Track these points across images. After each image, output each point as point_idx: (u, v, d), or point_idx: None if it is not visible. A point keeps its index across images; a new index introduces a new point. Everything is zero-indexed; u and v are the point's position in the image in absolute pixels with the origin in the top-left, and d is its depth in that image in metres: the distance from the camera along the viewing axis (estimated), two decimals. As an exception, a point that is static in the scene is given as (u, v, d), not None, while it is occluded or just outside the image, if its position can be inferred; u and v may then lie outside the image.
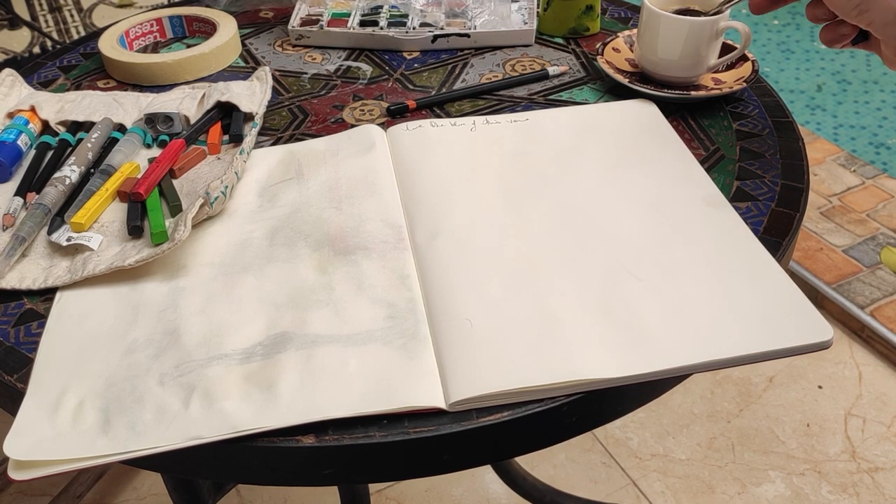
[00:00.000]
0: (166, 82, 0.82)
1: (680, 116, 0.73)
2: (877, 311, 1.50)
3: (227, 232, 0.61)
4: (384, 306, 0.53)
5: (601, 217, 0.60)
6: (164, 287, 0.56)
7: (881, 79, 2.28)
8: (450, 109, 0.77)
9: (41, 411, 0.48)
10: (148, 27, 0.90)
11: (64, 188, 0.65)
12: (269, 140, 0.73)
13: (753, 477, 1.28)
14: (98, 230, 0.62)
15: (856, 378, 1.43)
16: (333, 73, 0.84)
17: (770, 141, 0.70)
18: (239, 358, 0.50)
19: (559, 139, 0.70)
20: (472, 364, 0.48)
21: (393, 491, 1.29)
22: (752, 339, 0.49)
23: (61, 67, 0.87)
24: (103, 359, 0.51)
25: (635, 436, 1.34)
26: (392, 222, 0.61)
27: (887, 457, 1.29)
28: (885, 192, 1.79)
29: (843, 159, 1.89)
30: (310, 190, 0.65)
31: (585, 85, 0.79)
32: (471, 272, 0.56)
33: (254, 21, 0.95)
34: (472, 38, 0.86)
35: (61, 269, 0.58)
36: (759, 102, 0.75)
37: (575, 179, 0.65)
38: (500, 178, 0.65)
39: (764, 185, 0.65)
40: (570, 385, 0.47)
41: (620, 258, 0.56)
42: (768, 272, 0.55)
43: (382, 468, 0.48)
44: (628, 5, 0.96)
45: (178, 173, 0.68)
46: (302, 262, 0.58)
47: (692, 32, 0.71)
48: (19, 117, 0.73)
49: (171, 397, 0.48)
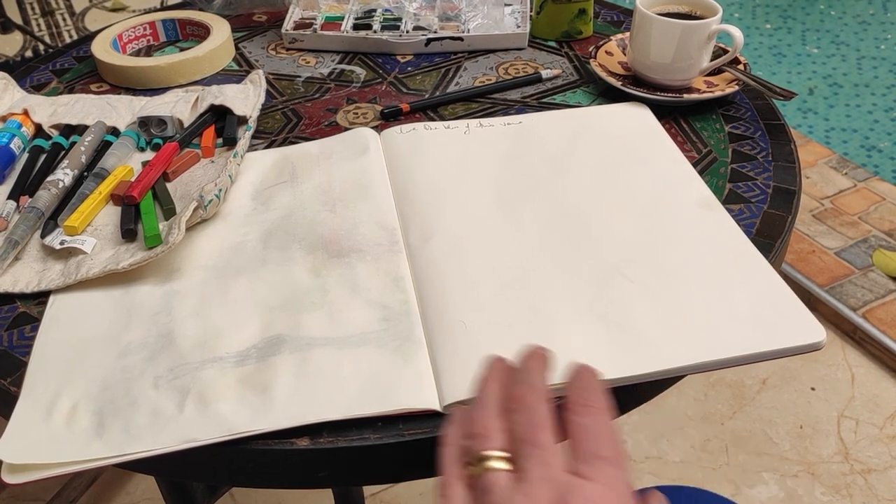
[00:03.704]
0: (160, 86, 0.82)
1: (672, 119, 0.74)
2: (869, 313, 1.50)
3: (221, 235, 0.61)
4: (378, 308, 0.53)
5: (594, 219, 0.61)
6: (158, 290, 0.56)
7: (872, 82, 2.29)
8: (443, 112, 0.77)
9: (35, 414, 0.48)
10: (141, 31, 0.90)
11: (57, 191, 0.64)
12: (262, 143, 0.73)
13: (747, 479, 1.28)
14: (91, 233, 0.62)
15: (848, 380, 1.43)
16: (327, 76, 0.84)
17: (762, 143, 0.70)
18: (233, 361, 0.50)
19: (552, 142, 0.70)
20: (466, 365, 0.48)
21: (388, 494, 1.29)
22: (745, 340, 0.50)
23: (54, 71, 0.87)
24: (97, 362, 0.51)
25: (629, 438, 1.35)
26: (386, 225, 0.61)
27: (880, 458, 1.30)
28: (877, 194, 1.80)
29: (835, 162, 1.90)
30: (304, 193, 0.65)
31: (578, 88, 0.80)
32: (464, 274, 0.56)
33: (247, 24, 0.95)
34: (465, 41, 0.87)
35: (55, 272, 0.58)
36: (751, 105, 0.76)
37: (568, 182, 0.65)
38: (494, 181, 0.65)
39: (756, 187, 0.65)
40: (563, 387, 0.47)
41: (613, 260, 0.57)
42: (761, 274, 0.55)
43: (377, 470, 0.48)
44: (621, 9, 0.96)
45: (172, 176, 0.68)
46: (296, 264, 0.58)
47: (685, 36, 0.71)
48: (12, 121, 0.73)
49: (166, 400, 0.48)
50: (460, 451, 0.39)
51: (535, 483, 0.35)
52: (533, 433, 0.38)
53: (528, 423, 0.38)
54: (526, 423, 0.38)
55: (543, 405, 0.39)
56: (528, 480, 0.35)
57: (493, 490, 0.36)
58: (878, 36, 2.55)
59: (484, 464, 0.37)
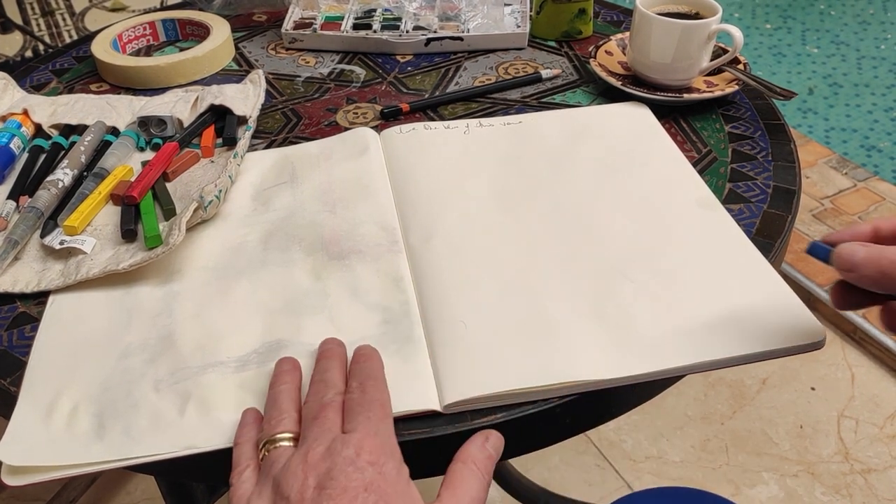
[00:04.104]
0: (159, 85, 0.82)
1: (672, 119, 0.74)
2: (869, 312, 1.50)
3: (222, 236, 0.61)
4: (379, 311, 0.53)
5: (594, 219, 0.61)
6: (159, 291, 0.56)
7: (872, 82, 2.29)
8: (443, 112, 0.77)
9: (35, 416, 0.48)
10: (141, 30, 0.90)
11: (57, 191, 0.64)
12: (262, 143, 0.73)
13: (747, 478, 1.28)
14: (91, 234, 0.62)
15: (848, 380, 1.43)
16: (327, 76, 0.84)
17: (762, 143, 0.70)
18: (234, 365, 0.50)
19: (552, 142, 0.70)
20: (467, 366, 0.48)
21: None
22: (745, 339, 0.50)
23: (54, 71, 0.87)
24: (97, 363, 0.51)
25: (629, 438, 1.35)
26: (386, 225, 0.61)
27: (880, 458, 1.30)
28: (877, 194, 1.80)
29: (835, 162, 1.90)
30: (304, 193, 0.65)
31: (578, 88, 0.80)
32: (465, 274, 0.56)
33: (247, 24, 0.95)
34: (465, 41, 0.87)
35: (54, 272, 0.58)
36: (750, 105, 0.76)
37: (568, 182, 0.65)
38: (494, 181, 0.65)
39: (756, 187, 0.65)
40: (563, 386, 0.47)
41: (613, 260, 0.56)
42: (761, 273, 0.55)
43: (377, 471, 0.48)
44: (621, 9, 0.96)
45: (172, 176, 0.68)
46: (296, 266, 0.57)
47: (685, 36, 0.71)
48: (12, 121, 0.73)
49: (167, 404, 0.48)
50: (254, 445, 0.43)
51: (310, 442, 0.41)
52: (321, 411, 0.43)
53: (317, 406, 0.43)
54: (316, 406, 0.43)
55: (332, 392, 0.44)
56: (305, 443, 0.41)
57: (278, 460, 0.41)
58: (878, 36, 2.55)
59: (274, 445, 0.42)
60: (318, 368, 0.47)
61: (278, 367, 0.48)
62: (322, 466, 0.39)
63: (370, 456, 0.39)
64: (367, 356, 0.47)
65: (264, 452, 0.42)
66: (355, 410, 0.43)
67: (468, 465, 0.42)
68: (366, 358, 0.47)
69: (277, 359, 0.49)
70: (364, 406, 0.43)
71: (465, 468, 0.42)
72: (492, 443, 0.44)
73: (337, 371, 0.46)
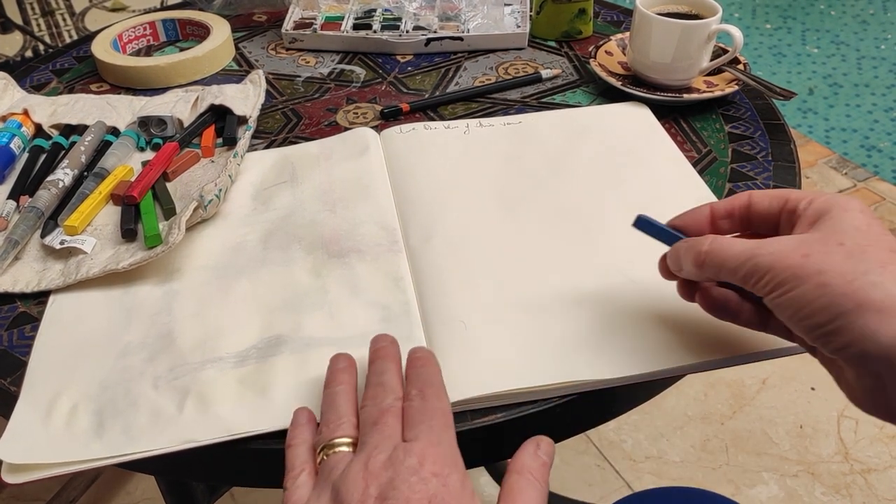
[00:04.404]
0: (160, 85, 0.82)
1: (672, 119, 0.74)
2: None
3: (221, 235, 0.61)
4: (378, 309, 0.53)
5: (594, 219, 0.61)
6: (158, 290, 0.56)
7: (872, 82, 2.29)
8: (443, 112, 0.77)
9: (35, 414, 0.48)
10: (141, 31, 0.90)
11: (57, 191, 0.64)
12: (262, 143, 0.73)
13: (747, 478, 1.28)
14: (91, 233, 0.62)
15: (848, 379, 1.43)
16: (327, 76, 0.84)
17: (762, 143, 0.70)
18: (233, 361, 0.50)
19: (552, 142, 0.70)
20: (466, 366, 0.48)
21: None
22: (745, 339, 0.50)
23: (54, 71, 0.87)
24: (97, 362, 0.51)
25: (629, 438, 1.35)
26: (386, 225, 0.61)
27: (880, 458, 1.30)
28: (877, 194, 1.80)
29: (835, 162, 1.90)
30: (304, 193, 0.65)
31: (578, 88, 0.80)
32: (464, 274, 0.56)
33: (247, 24, 0.95)
34: (465, 41, 0.87)
35: (55, 272, 0.58)
36: (750, 105, 0.76)
37: (568, 182, 0.65)
38: (494, 181, 0.65)
39: (756, 187, 0.65)
40: (563, 386, 0.48)
41: (613, 260, 0.57)
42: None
43: (377, 470, 0.48)
44: (621, 9, 0.96)
45: (172, 176, 0.68)
46: (296, 265, 0.58)
47: (685, 36, 0.71)
48: (12, 121, 0.73)
49: (166, 400, 0.48)
50: (309, 448, 0.43)
51: (370, 449, 0.40)
52: (380, 417, 0.42)
53: (377, 411, 0.42)
54: (375, 411, 0.42)
55: (392, 398, 0.43)
56: (365, 449, 0.40)
57: (337, 466, 0.40)
58: (878, 36, 2.55)
59: (333, 450, 0.41)
60: (373, 370, 0.45)
61: (333, 364, 0.47)
62: (384, 476, 0.38)
63: (434, 466, 0.38)
64: (424, 360, 0.45)
65: (322, 457, 0.41)
66: (416, 419, 0.41)
67: (524, 475, 0.41)
68: (423, 362, 0.45)
69: (279, 355, 0.50)
70: (426, 414, 0.41)
71: (522, 478, 0.41)
72: (543, 449, 0.43)
73: (394, 374, 0.45)
